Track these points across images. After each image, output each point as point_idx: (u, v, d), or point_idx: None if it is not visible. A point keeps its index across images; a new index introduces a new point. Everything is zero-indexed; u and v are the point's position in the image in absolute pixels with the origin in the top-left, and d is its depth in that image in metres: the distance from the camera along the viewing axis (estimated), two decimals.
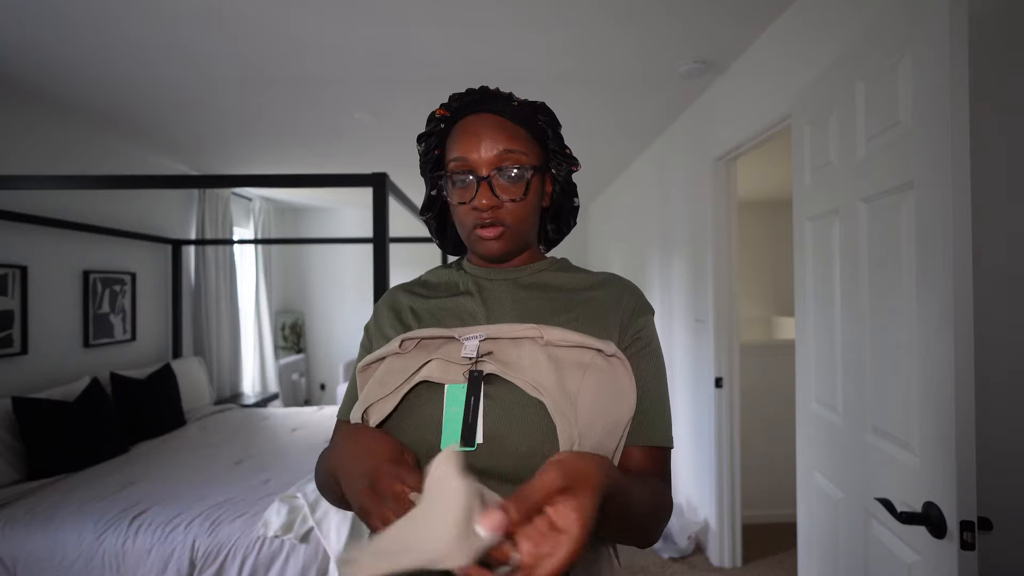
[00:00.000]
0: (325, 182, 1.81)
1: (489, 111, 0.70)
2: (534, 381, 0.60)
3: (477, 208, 0.67)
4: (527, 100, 0.72)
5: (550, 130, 0.73)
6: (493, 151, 0.67)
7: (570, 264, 0.79)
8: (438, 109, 0.72)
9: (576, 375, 0.61)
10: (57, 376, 2.64)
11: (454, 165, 0.68)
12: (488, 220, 0.68)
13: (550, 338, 0.63)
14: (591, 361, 0.62)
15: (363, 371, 0.69)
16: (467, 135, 0.68)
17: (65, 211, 2.70)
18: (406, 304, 0.76)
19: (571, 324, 0.67)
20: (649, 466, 0.64)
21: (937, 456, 0.91)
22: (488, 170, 0.67)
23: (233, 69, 2.20)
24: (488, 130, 0.68)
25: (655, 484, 0.62)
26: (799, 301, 1.51)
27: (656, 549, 2.60)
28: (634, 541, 0.61)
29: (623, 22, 1.87)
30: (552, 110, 0.74)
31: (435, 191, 0.77)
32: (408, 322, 0.73)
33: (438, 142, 0.73)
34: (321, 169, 3.91)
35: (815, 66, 1.66)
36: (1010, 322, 1.04)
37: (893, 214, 1.05)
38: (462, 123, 0.70)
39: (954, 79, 0.87)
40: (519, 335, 0.64)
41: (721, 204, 2.48)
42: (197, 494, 1.98)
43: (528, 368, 0.61)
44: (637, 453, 0.64)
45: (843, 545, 1.26)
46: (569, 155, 0.74)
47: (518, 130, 0.70)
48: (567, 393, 0.60)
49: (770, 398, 2.93)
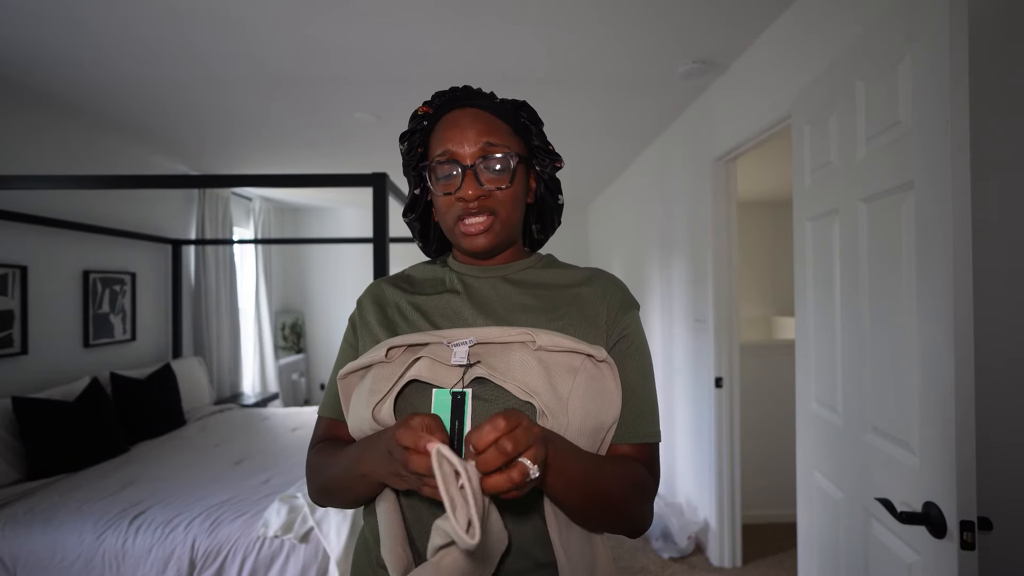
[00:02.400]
0: (325, 182, 1.81)
1: (471, 105, 0.70)
2: (524, 385, 0.60)
3: (463, 198, 0.67)
4: (507, 99, 0.73)
5: (533, 127, 0.73)
6: (477, 143, 0.67)
7: (556, 260, 0.79)
8: (421, 107, 0.73)
9: (567, 379, 0.62)
10: (57, 376, 2.64)
11: (439, 158, 0.68)
12: (475, 209, 0.67)
13: (542, 343, 0.63)
14: (581, 365, 0.63)
15: (344, 378, 0.69)
16: (451, 128, 0.68)
17: (65, 211, 2.70)
18: (392, 299, 0.75)
19: (560, 324, 0.67)
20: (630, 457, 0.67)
21: (937, 456, 0.91)
22: (472, 160, 0.67)
23: (238, 69, 2.20)
24: (472, 122, 0.68)
25: (629, 463, 0.65)
26: (799, 301, 1.51)
27: (656, 549, 2.60)
28: (614, 519, 0.62)
29: (623, 23, 1.87)
30: (534, 108, 0.74)
31: (419, 189, 0.76)
32: (392, 317, 0.72)
33: (422, 139, 0.73)
34: (321, 169, 3.91)
35: (815, 66, 1.66)
36: (1010, 322, 1.04)
37: (893, 214, 1.05)
38: (446, 118, 0.70)
39: (954, 79, 0.87)
40: (510, 339, 0.64)
41: (721, 204, 2.48)
42: (197, 494, 1.98)
43: (518, 371, 0.61)
44: (624, 449, 0.67)
45: (843, 545, 1.26)
46: (552, 152, 0.74)
47: (502, 124, 0.70)
48: (559, 397, 0.60)
49: (770, 398, 2.93)
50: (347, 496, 0.67)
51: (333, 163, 3.76)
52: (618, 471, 0.62)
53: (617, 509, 0.61)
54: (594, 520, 0.62)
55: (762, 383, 2.94)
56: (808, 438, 1.45)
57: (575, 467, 0.56)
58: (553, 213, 0.79)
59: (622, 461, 0.64)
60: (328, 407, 0.75)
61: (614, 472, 0.61)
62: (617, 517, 0.62)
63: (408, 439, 0.49)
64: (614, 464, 0.62)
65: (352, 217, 5.67)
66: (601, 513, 0.60)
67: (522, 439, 0.47)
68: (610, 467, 0.61)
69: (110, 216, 3.04)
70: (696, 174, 2.69)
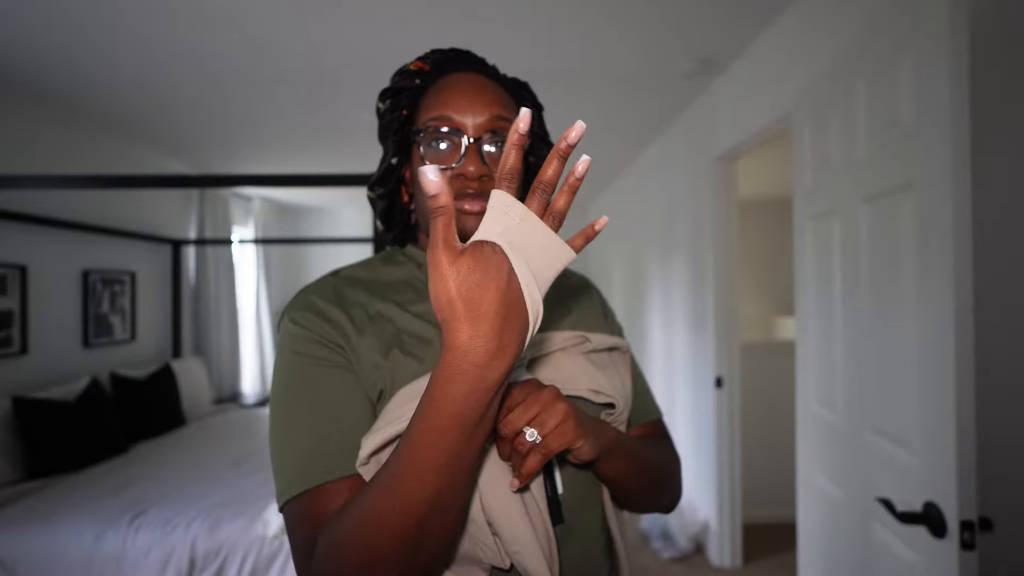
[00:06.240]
0: (325, 182, 1.81)
1: (476, 71, 0.61)
2: (598, 387, 0.60)
3: (463, 175, 0.55)
4: (508, 76, 0.64)
5: (536, 111, 0.65)
6: (485, 113, 0.56)
7: None
8: (414, 62, 0.61)
9: (613, 373, 0.65)
10: (57, 376, 2.64)
11: (436, 123, 0.56)
12: (473, 190, 0.55)
13: (596, 344, 0.64)
14: (610, 358, 0.67)
15: (366, 464, 0.51)
16: (454, 91, 0.57)
17: (65, 211, 2.70)
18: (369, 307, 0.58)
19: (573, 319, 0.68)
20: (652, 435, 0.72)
21: (937, 456, 0.91)
22: (478, 133, 0.56)
23: (238, 69, 2.20)
24: (480, 89, 0.58)
25: (659, 440, 0.70)
26: (799, 301, 1.51)
27: (656, 549, 2.60)
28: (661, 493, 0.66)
29: (624, 22, 1.87)
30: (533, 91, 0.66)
31: (396, 159, 0.61)
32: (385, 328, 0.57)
33: (409, 100, 0.60)
34: (321, 169, 3.91)
35: (815, 66, 1.66)
36: (1010, 321, 1.04)
37: (893, 214, 1.05)
38: (446, 79, 0.60)
39: (954, 79, 0.87)
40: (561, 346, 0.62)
41: (721, 204, 2.48)
42: (197, 494, 1.98)
43: (582, 377, 0.60)
44: (638, 431, 0.71)
45: (843, 545, 1.26)
46: (550, 142, 0.67)
47: (508, 98, 0.61)
48: (623, 390, 0.64)
49: (770, 398, 2.93)
50: (452, 497, 0.43)
51: (333, 163, 3.76)
52: (658, 447, 0.67)
53: (668, 482, 0.66)
54: (651, 496, 0.64)
55: (762, 383, 2.93)
56: (808, 438, 1.45)
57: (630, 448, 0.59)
58: None
59: (653, 439, 0.69)
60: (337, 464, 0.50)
61: (656, 449, 0.66)
62: (665, 491, 0.66)
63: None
64: (651, 442, 0.67)
65: (351, 217, 5.67)
66: (658, 488, 0.64)
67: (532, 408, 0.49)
68: (651, 445, 0.66)
69: (110, 216, 3.04)
70: (696, 173, 2.69)
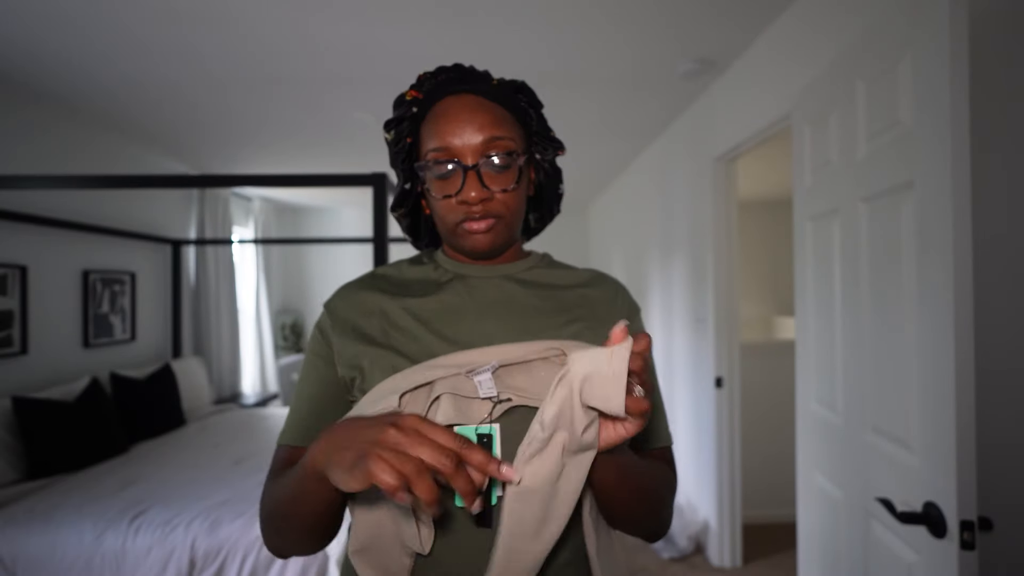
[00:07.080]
0: (325, 182, 1.81)
1: (468, 92, 0.62)
2: None
3: (466, 202, 0.60)
4: (505, 79, 0.65)
5: (533, 111, 0.66)
6: (479, 137, 0.60)
7: (554, 260, 0.75)
8: (408, 91, 0.64)
9: None
10: (57, 376, 2.64)
11: (435, 155, 0.61)
12: (479, 214, 0.61)
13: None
14: None
15: None
16: (447, 120, 0.61)
17: (65, 211, 2.70)
18: (375, 305, 0.65)
19: (574, 329, 0.64)
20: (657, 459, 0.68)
21: (937, 456, 0.91)
22: (475, 159, 0.60)
23: (237, 69, 2.20)
24: (471, 114, 0.60)
25: (658, 464, 0.66)
26: (799, 301, 1.51)
27: (656, 549, 2.60)
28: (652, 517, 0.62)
29: (623, 22, 1.87)
30: (532, 89, 0.67)
31: (409, 184, 0.68)
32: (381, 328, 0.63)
33: (410, 129, 0.65)
34: (321, 169, 3.91)
35: (815, 66, 1.66)
36: (1010, 321, 1.04)
37: (893, 214, 1.05)
38: (439, 106, 0.62)
39: (954, 79, 0.87)
40: (535, 356, 0.57)
41: (721, 204, 2.48)
42: (197, 494, 1.98)
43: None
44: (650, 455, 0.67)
45: (843, 545, 1.26)
46: (554, 138, 0.68)
47: (502, 112, 0.63)
48: None
49: (770, 398, 2.93)
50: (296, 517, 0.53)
51: (333, 163, 3.76)
52: (655, 470, 0.63)
53: (657, 507, 0.62)
54: (639, 516, 0.61)
55: (762, 383, 2.93)
56: (808, 438, 1.45)
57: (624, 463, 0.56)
58: (552, 202, 0.73)
59: (651, 463, 0.64)
60: (293, 433, 0.63)
61: (653, 472, 0.62)
62: (655, 516, 0.62)
63: (447, 439, 0.42)
64: (649, 464, 0.63)
65: (352, 217, 5.67)
66: (648, 509, 0.60)
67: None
68: (649, 467, 0.61)
69: (110, 216, 3.04)
70: (696, 173, 2.69)
